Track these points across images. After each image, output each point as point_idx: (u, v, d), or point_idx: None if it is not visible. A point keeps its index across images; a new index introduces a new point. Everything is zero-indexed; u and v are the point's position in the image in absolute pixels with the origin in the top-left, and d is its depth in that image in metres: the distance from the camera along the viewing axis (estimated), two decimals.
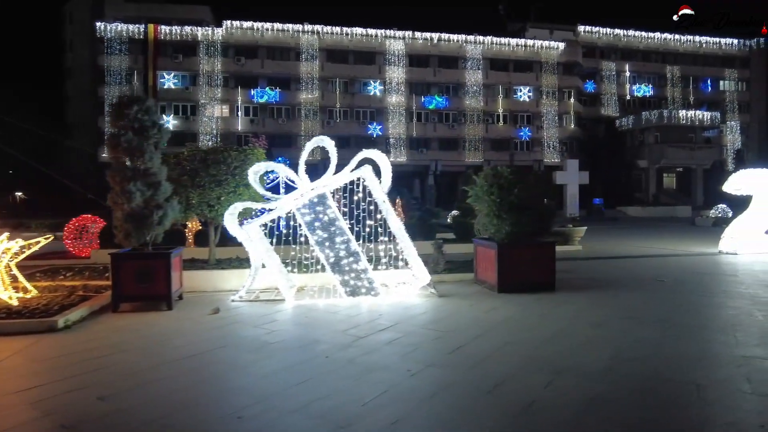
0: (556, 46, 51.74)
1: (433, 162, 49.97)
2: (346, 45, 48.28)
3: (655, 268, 10.21)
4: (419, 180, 52.92)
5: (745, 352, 4.52)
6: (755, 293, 7.40)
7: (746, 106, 55.85)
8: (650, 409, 3.38)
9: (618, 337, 5.12)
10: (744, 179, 12.66)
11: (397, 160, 48.73)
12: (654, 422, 3.21)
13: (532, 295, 7.15)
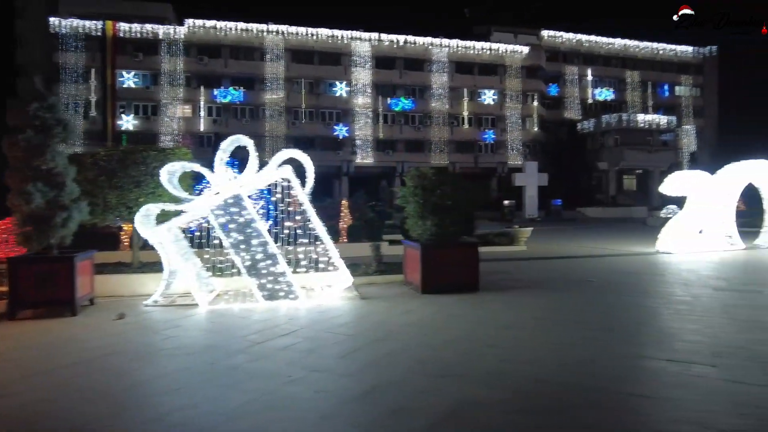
0: (520, 50, 52.53)
1: (399, 164, 50.10)
2: (311, 45, 47.93)
3: (589, 269, 10.36)
4: (386, 181, 52.99)
5: (640, 351, 4.56)
6: (671, 292, 7.55)
7: (700, 110, 57.85)
8: (521, 413, 3.33)
9: (522, 339, 5.11)
10: (679, 181, 13.00)
11: (364, 162, 48.73)
12: (516, 426, 3.16)
13: (454, 296, 7.13)
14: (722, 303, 6.62)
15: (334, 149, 48.75)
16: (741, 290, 7.51)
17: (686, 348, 4.67)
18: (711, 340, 4.90)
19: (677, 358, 4.33)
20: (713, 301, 6.78)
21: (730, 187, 12.94)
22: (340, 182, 49.50)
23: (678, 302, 6.79)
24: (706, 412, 3.33)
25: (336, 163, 48.59)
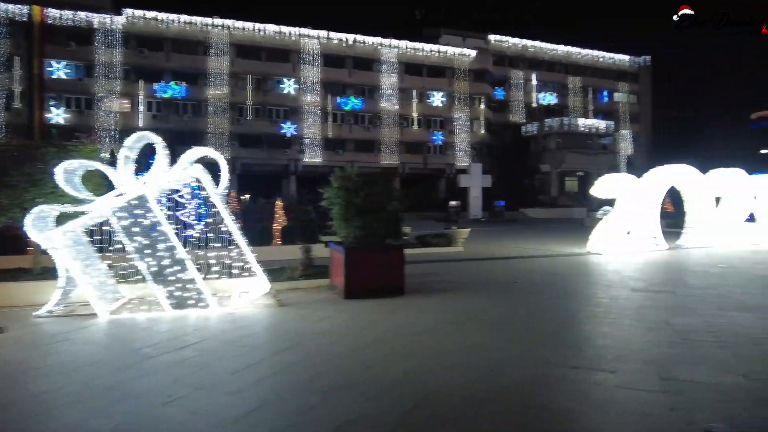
0: (468, 53, 53.42)
1: (349, 163, 49.64)
2: (258, 41, 46.78)
3: (520, 270, 10.45)
4: None
5: (548, 357, 4.48)
6: (592, 293, 7.67)
7: (636, 116, 60.83)
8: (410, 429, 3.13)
9: (435, 345, 4.95)
10: (608, 183, 13.39)
11: (313, 161, 48.07)
12: None
13: (377, 301, 6.92)
14: (637, 305, 6.74)
15: (282, 148, 47.85)
16: (656, 291, 7.71)
17: (592, 353, 4.65)
18: (617, 344, 4.91)
19: (582, 365, 4.29)
20: (629, 302, 6.90)
21: (654, 190, 13.46)
22: (288, 182, 48.63)
23: (596, 304, 6.88)
24: (598, 423, 3.25)
25: (283, 162, 47.72)
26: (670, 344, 4.86)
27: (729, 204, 14.75)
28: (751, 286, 7.95)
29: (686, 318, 5.89)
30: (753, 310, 6.22)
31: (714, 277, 9.05)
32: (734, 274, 9.22)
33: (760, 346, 4.74)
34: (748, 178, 14.84)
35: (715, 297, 7.13)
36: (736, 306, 6.49)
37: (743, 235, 14.85)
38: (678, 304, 6.65)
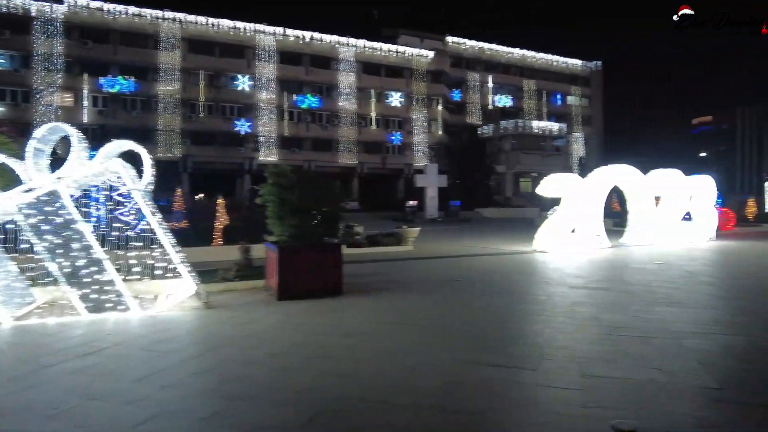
0: (426, 54, 53.79)
1: (306, 162, 49.09)
2: (212, 36, 45.55)
3: (464, 268, 10.45)
4: None
5: (475, 357, 4.38)
6: (530, 290, 7.70)
7: (588, 119, 62.89)
8: None
9: (359, 348, 4.77)
10: (554, 183, 13.62)
11: (268, 159, 47.14)
12: None
13: (312, 302, 6.69)
14: (571, 301, 6.79)
15: (236, 146, 46.79)
16: (592, 288, 7.82)
17: (519, 352, 4.59)
18: (545, 341, 4.88)
19: (506, 364, 4.21)
20: (564, 299, 6.95)
21: (598, 189, 13.80)
22: (243, 181, 47.56)
23: (532, 301, 6.89)
24: (511, 424, 3.16)
25: (238, 160, 46.66)
26: (595, 341, 4.87)
27: (668, 203, 15.32)
28: (681, 282, 8.19)
29: (616, 314, 5.96)
30: (678, 305, 6.37)
31: (649, 273, 9.29)
32: (667, 271, 9.50)
33: (678, 340, 4.81)
34: (684, 179, 15.46)
35: (647, 293, 7.29)
36: (664, 301, 6.64)
37: (681, 233, 15.46)
38: (610, 301, 6.75)
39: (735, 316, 5.84)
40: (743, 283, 8.36)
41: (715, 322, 5.53)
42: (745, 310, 6.19)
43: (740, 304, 6.57)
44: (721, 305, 6.37)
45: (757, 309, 6.32)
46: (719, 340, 4.77)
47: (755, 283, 8.36)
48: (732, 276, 9.28)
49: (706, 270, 9.61)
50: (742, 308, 6.29)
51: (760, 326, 5.45)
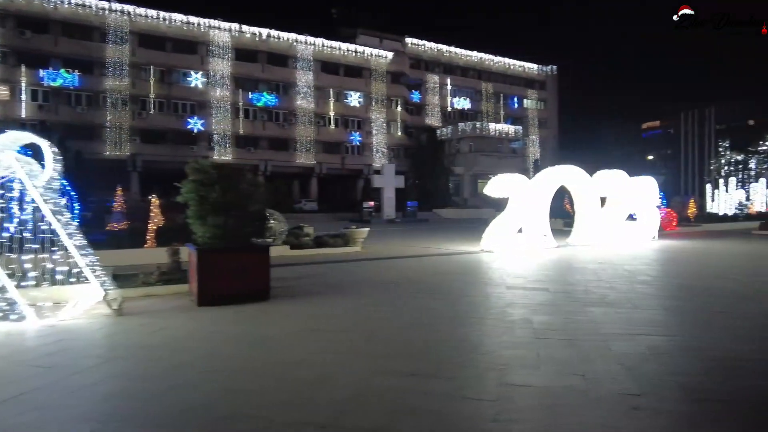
0: (385, 55, 53.66)
1: (262, 162, 48.09)
2: (163, 31, 43.88)
3: (409, 269, 10.19)
4: None
5: (387, 366, 4.07)
6: (467, 291, 7.48)
7: (544, 122, 64.33)
8: None
9: (264, 358, 4.36)
10: (501, 183, 13.58)
11: (223, 158, 45.81)
12: None
13: (234, 308, 6.24)
14: (506, 302, 6.61)
15: (189, 144, 45.26)
16: (530, 288, 7.69)
17: (441, 358, 4.31)
18: (469, 346, 4.63)
19: (422, 372, 3.91)
20: (499, 300, 6.76)
21: (543, 189, 13.85)
22: None
23: (466, 303, 6.66)
24: None
25: (190, 159, 45.02)
26: (522, 345, 4.65)
27: (613, 204, 15.58)
28: (619, 282, 8.18)
29: (548, 316, 5.80)
30: (612, 305, 6.28)
31: (589, 273, 9.28)
32: (608, 270, 9.52)
33: (606, 342, 4.66)
34: (629, 180, 15.77)
35: (583, 293, 7.20)
36: (598, 301, 6.54)
37: (625, 233, 15.76)
38: (546, 301, 6.60)
39: (666, 316, 5.78)
40: (679, 283, 8.44)
41: (646, 323, 5.43)
42: (677, 310, 6.16)
43: (673, 304, 6.56)
44: (654, 305, 6.32)
45: (688, 309, 6.31)
46: (646, 342, 4.65)
47: (690, 283, 8.45)
48: (669, 275, 9.38)
49: (645, 269, 9.70)
50: (674, 308, 6.26)
51: (688, 327, 5.39)
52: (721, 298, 6.91)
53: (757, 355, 4.29)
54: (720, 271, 9.75)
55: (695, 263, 11.06)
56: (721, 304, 6.50)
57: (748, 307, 6.29)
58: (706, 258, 11.91)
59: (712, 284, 8.13)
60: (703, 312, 6.05)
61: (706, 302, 6.60)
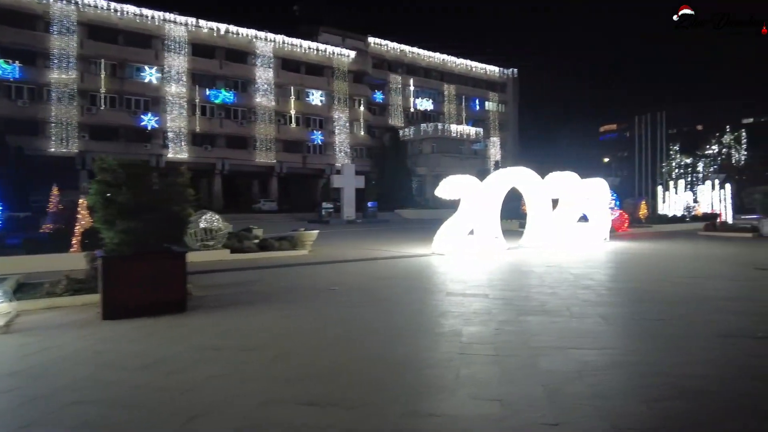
0: (347, 53, 53.11)
1: (220, 160, 46.77)
2: (114, 22, 42.02)
3: (353, 273, 9.76)
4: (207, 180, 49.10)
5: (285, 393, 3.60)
6: (405, 299, 7.09)
7: (505, 124, 65.12)
8: None
9: (144, 386, 3.80)
10: (452, 185, 13.31)
11: (178, 157, 44.34)
12: None
13: (143, 322, 5.64)
14: (440, 312, 6.24)
15: (142, 141, 43.57)
16: (470, 294, 7.36)
17: (348, 382, 3.87)
18: (384, 367, 4.20)
19: (324, 400, 3.45)
20: (434, 309, 6.40)
21: (495, 191, 13.66)
22: None
23: (399, 312, 6.26)
24: None
25: (144, 157, 43.30)
26: (443, 363, 4.26)
27: (565, 205, 15.58)
28: (562, 287, 7.96)
29: (480, 327, 5.45)
30: (549, 313, 6.00)
31: (534, 277, 9.07)
32: (553, 274, 9.33)
33: (535, 358, 4.33)
34: (580, 182, 15.79)
35: (522, 300, 6.92)
36: (536, 309, 6.26)
37: (577, 235, 15.79)
38: (481, 310, 6.27)
39: (603, 325, 5.52)
40: (622, 287, 8.29)
41: (581, 334, 5.15)
42: (615, 319, 5.93)
43: (612, 311, 6.34)
44: (592, 313, 6.08)
45: (627, 316, 6.10)
46: (577, 357, 4.34)
47: (633, 287, 8.32)
48: (613, 279, 9.26)
49: (590, 273, 9.56)
50: (612, 316, 6.03)
51: (624, 338, 5.14)
52: (662, 303, 6.75)
53: (691, 369, 4.04)
54: (664, 274, 9.72)
55: (641, 265, 11.04)
56: (661, 310, 6.33)
57: (688, 312, 6.13)
58: (653, 260, 11.94)
59: (655, 288, 8.02)
60: (643, 320, 5.84)
61: (646, 309, 6.42)
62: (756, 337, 4.94)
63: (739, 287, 8.15)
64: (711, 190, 32.00)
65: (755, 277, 9.22)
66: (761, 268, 10.11)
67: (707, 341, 4.84)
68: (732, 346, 4.69)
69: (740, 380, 3.79)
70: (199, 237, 11.70)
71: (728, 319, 5.76)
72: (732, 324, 5.52)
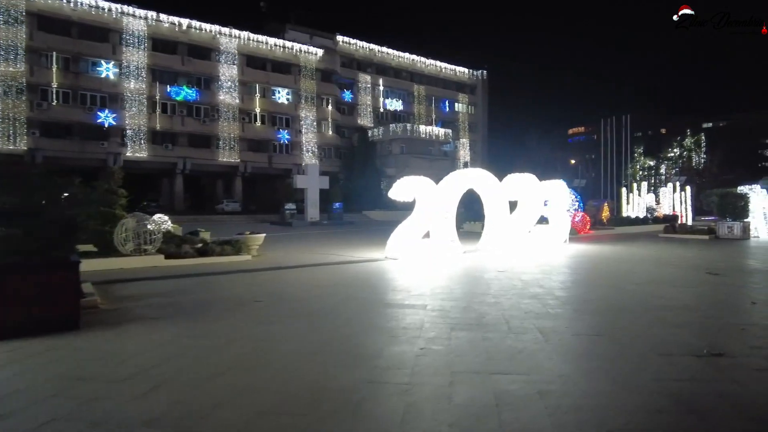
0: (315, 52, 52.24)
1: (181, 159, 45.31)
2: (67, 14, 40.18)
3: (291, 281, 9.08)
4: (169, 180, 47.53)
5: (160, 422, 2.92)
6: (332, 312, 6.46)
7: (475, 126, 65.28)
8: None
9: None
10: (406, 186, 12.76)
11: (137, 156, 42.79)
12: None
13: (15, 344, 4.84)
14: (366, 327, 5.64)
15: (98, 139, 41.81)
16: (407, 306, 6.79)
17: (218, 421, 3.22)
18: (272, 399, 3.57)
19: None
20: (361, 324, 5.79)
21: (451, 193, 13.19)
22: None
23: (323, 329, 5.62)
24: None
25: (100, 155, 41.65)
26: (343, 394, 3.64)
27: (523, 207, 15.23)
28: (507, 295, 7.47)
29: (404, 345, 4.87)
30: (485, 328, 5.46)
31: (482, 284, 8.57)
32: (503, 281, 8.86)
33: (451, 387, 3.75)
34: (538, 184, 15.48)
35: (461, 311, 6.38)
36: (472, 323, 5.72)
37: (535, 237, 15.47)
38: (413, 324, 5.69)
39: (537, 343, 5.00)
40: (570, 296, 7.85)
41: (511, 354, 4.62)
42: (554, 335, 5.42)
43: (552, 325, 5.84)
44: (530, 327, 5.57)
45: (568, 330, 5.61)
46: (499, 386, 3.79)
47: (581, 295, 7.91)
48: (563, 286, 8.82)
49: (541, 279, 9.13)
50: (551, 331, 5.52)
51: (556, 360, 4.61)
52: (607, 314, 6.32)
53: (618, 400, 3.53)
54: (615, 279, 9.37)
55: (595, 270, 10.70)
56: (602, 323, 5.88)
57: (630, 325, 5.69)
58: (607, 264, 11.64)
59: (603, 296, 7.61)
60: (581, 335, 5.36)
61: (588, 322, 5.96)
62: (699, 355, 4.50)
63: (687, 295, 7.81)
64: (672, 192, 32.45)
65: (705, 281, 8.94)
66: (713, 273, 9.87)
67: (643, 361, 4.36)
68: (669, 366, 4.23)
69: (669, 415, 3.30)
70: (131, 241, 10.81)
71: (670, 333, 5.34)
72: (673, 339, 5.08)
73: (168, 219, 18.81)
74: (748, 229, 19.63)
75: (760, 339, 5.15)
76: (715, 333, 5.35)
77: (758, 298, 7.39)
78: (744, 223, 19.47)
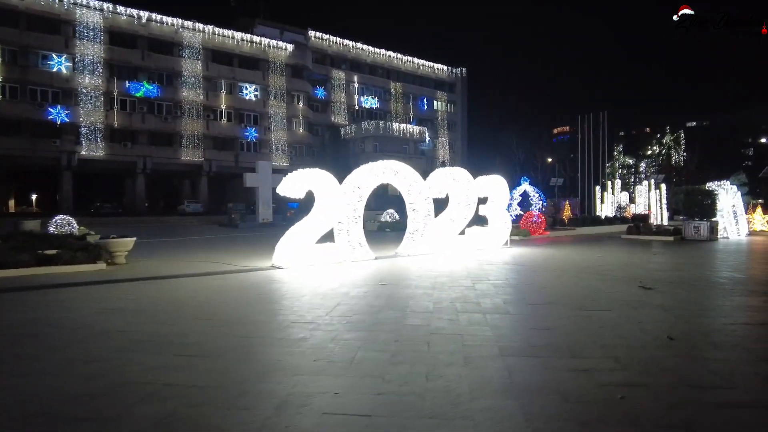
0: (285, 47, 50.44)
1: (141, 158, 43.34)
2: (14, 4, 38.20)
3: (136, 298, 7.22)
4: (132, 180, 45.53)
5: None
6: (180, 342, 4.62)
7: (454, 124, 63.62)
8: None
9: None
10: (299, 181, 10.90)
11: (93, 154, 40.79)
12: None
13: None
14: (229, 350, 3.81)
15: (51, 137, 39.79)
16: (241, 336, 4.95)
17: None
18: None
19: None
20: (207, 359, 3.95)
21: (358, 189, 11.38)
22: (61, 178, 40.59)
23: (165, 365, 3.78)
24: None
25: (53, 154, 39.65)
26: None
27: (453, 206, 13.45)
28: (391, 309, 5.64)
29: (269, 383, 3.03)
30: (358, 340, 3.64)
31: (351, 306, 6.74)
32: (383, 300, 7.04)
33: None
34: (472, 180, 13.71)
35: (305, 345, 4.54)
36: (319, 369, 3.89)
37: (469, 240, 13.71)
38: (271, 360, 3.86)
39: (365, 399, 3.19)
40: (450, 327, 6.03)
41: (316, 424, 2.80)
42: (422, 367, 3.61)
43: (403, 372, 4.02)
44: (375, 372, 3.76)
45: (418, 391, 3.80)
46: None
47: (465, 327, 6.09)
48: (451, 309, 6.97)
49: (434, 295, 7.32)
50: (397, 384, 3.71)
51: (443, 400, 2.80)
52: (489, 358, 4.50)
53: None
54: (523, 296, 7.55)
55: (508, 285, 8.82)
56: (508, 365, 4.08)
57: (507, 373, 3.89)
58: (526, 274, 9.80)
59: (489, 325, 5.80)
60: (427, 392, 3.54)
61: (449, 375, 4.15)
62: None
63: (579, 326, 5.80)
64: (648, 190, 30.84)
65: (624, 302, 7.05)
66: (646, 287, 8.07)
67: None
68: None
69: None
70: None
71: (563, 386, 3.53)
72: (552, 405, 3.27)
73: (74, 221, 16.99)
74: (716, 230, 17.97)
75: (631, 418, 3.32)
76: (550, 419, 3.53)
77: (681, 329, 5.42)
78: (711, 223, 17.79)
